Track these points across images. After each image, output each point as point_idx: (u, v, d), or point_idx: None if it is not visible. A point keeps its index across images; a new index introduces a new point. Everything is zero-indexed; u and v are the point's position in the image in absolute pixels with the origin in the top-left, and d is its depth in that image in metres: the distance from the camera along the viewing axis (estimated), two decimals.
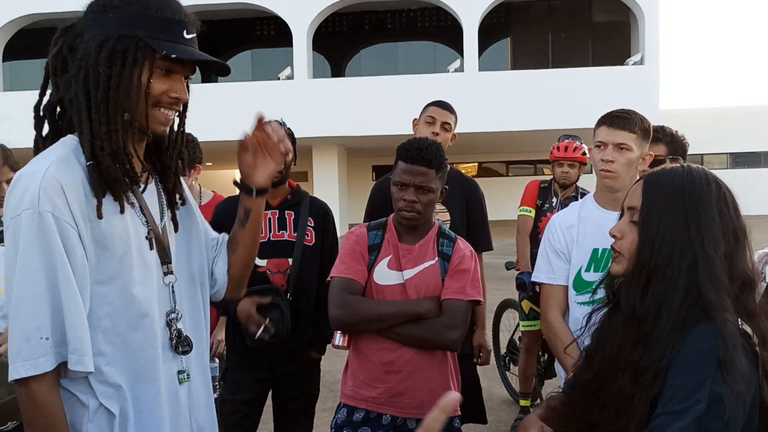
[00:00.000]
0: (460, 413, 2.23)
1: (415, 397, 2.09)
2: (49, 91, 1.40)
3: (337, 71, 20.42)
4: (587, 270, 2.21)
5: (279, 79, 17.45)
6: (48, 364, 1.23)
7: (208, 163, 20.83)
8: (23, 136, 1.73)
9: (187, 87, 1.43)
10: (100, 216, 1.29)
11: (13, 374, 1.23)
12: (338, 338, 2.17)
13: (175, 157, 1.51)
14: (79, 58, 1.31)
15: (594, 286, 1.57)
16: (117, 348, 1.34)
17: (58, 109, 1.40)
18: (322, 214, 2.76)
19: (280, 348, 2.59)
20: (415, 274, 2.13)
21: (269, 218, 2.65)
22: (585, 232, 2.23)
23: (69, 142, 1.35)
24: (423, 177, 2.06)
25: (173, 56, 1.31)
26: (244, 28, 19.69)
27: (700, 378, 1.18)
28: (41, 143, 1.40)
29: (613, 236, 1.41)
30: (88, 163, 1.31)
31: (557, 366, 2.40)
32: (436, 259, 2.15)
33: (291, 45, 17.42)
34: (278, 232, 2.65)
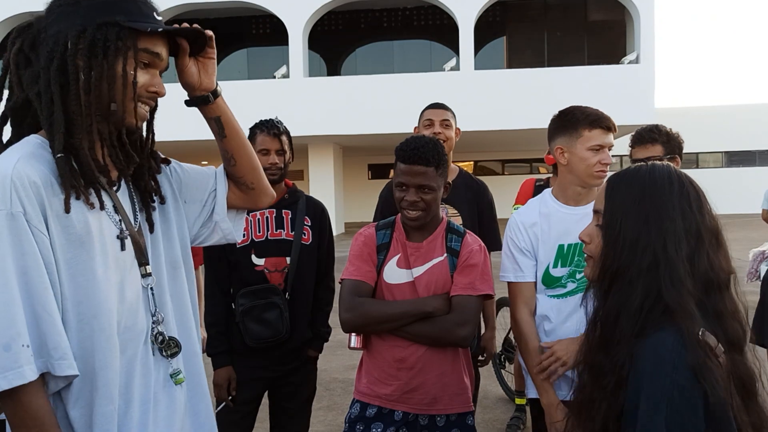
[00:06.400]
0: (473, 409, 2.23)
1: (428, 393, 2.11)
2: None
3: (333, 70, 20.40)
4: (554, 266, 2.25)
5: (275, 77, 17.43)
6: (32, 373, 1.17)
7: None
8: None
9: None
10: (67, 210, 1.23)
11: None
12: (353, 340, 2.17)
13: (147, 154, 1.44)
14: (49, 50, 1.25)
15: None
16: (88, 348, 1.28)
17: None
18: (318, 213, 2.76)
19: (278, 347, 2.59)
20: (424, 272, 2.13)
21: (266, 217, 2.65)
22: (549, 230, 2.27)
23: (32, 140, 1.30)
24: (422, 176, 2.06)
25: (159, 30, 1.27)
26: (240, 26, 19.65)
27: (662, 392, 1.13)
28: (2, 149, 1.32)
29: (583, 241, 1.40)
30: (57, 156, 1.24)
31: None
32: (445, 255, 2.15)
33: (287, 43, 17.40)
34: (276, 231, 2.65)
